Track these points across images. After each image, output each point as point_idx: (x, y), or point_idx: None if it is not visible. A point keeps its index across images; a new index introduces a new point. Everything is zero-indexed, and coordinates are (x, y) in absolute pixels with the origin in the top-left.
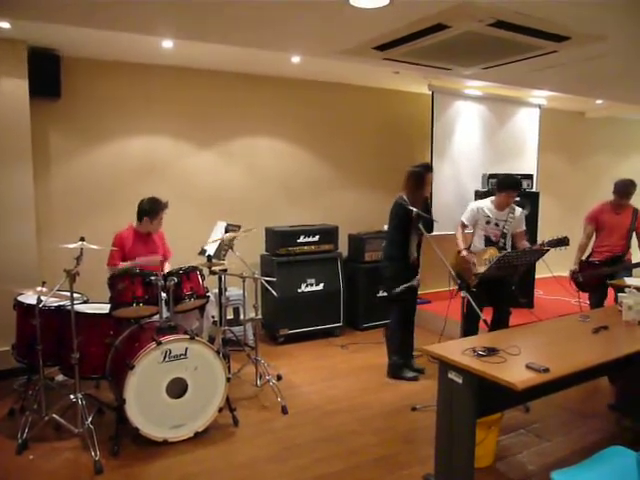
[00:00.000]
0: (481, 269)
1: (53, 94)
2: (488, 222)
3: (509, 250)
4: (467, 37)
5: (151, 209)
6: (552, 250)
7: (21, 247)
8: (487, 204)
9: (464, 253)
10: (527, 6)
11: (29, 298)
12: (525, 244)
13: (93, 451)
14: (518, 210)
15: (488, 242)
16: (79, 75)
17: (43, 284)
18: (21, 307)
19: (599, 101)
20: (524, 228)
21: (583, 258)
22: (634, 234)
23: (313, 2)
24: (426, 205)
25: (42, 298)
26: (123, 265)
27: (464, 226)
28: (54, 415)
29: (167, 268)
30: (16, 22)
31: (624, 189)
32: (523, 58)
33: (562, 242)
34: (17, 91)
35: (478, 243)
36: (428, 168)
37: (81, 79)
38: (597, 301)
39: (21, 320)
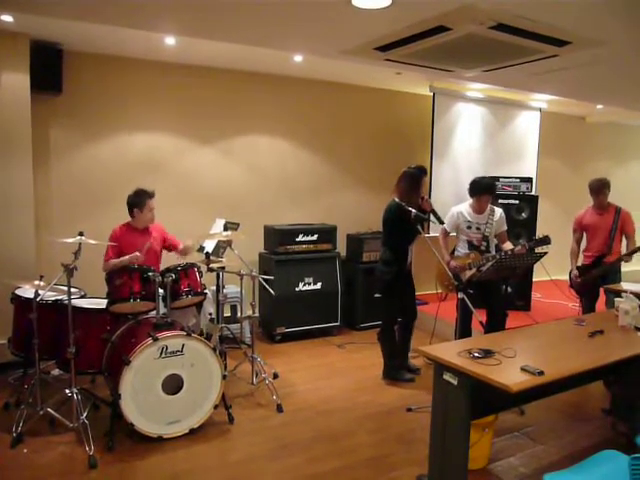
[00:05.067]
0: (466, 274)
1: (55, 89)
2: (469, 227)
3: (492, 253)
4: (468, 39)
5: (137, 200)
6: (550, 253)
7: (19, 241)
8: (466, 208)
9: (453, 264)
10: (528, 10)
11: (27, 292)
12: (508, 245)
13: (87, 446)
14: (498, 211)
15: (471, 246)
16: (81, 70)
17: (41, 278)
18: (18, 301)
19: (600, 106)
20: (505, 228)
21: (578, 264)
22: (623, 236)
23: (315, 2)
24: (419, 208)
25: (39, 292)
26: (116, 261)
27: (446, 233)
28: (49, 409)
29: (185, 249)
30: (19, 15)
31: (597, 185)
32: (524, 61)
33: (544, 241)
34: (18, 85)
35: (461, 248)
36: (424, 170)
37: (83, 74)
38: (588, 305)
39: (18, 314)
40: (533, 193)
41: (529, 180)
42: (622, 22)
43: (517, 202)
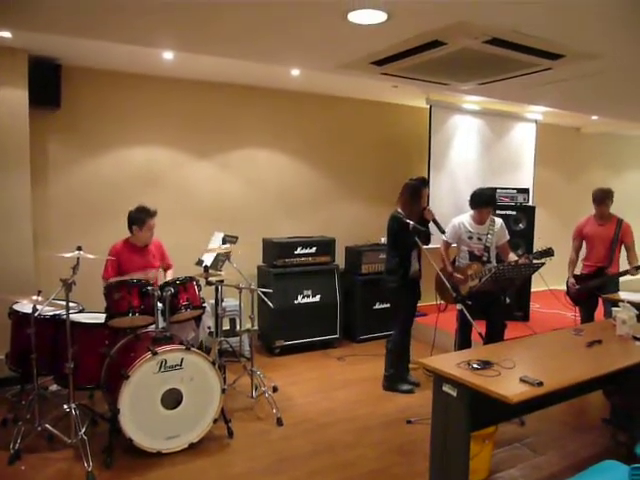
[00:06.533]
0: (468, 285)
1: (53, 104)
2: (470, 237)
3: (493, 264)
4: (463, 53)
5: (138, 217)
6: (548, 264)
7: (17, 255)
8: (467, 219)
9: (457, 275)
10: (522, 25)
11: (24, 307)
12: (512, 256)
13: (86, 462)
14: (498, 222)
15: (472, 257)
16: (79, 85)
17: (39, 293)
18: (16, 316)
19: (595, 117)
20: (507, 238)
21: (577, 272)
22: (623, 246)
23: (312, 17)
24: (422, 218)
25: (37, 307)
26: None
27: (448, 244)
28: (47, 425)
29: (169, 276)
30: (17, 31)
31: (600, 195)
32: (518, 75)
33: (547, 253)
34: (17, 100)
35: (462, 258)
36: (425, 182)
37: (81, 89)
38: (587, 314)
39: (16, 329)
40: (530, 204)
41: (526, 191)
42: (615, 35)
43: (514, 213)
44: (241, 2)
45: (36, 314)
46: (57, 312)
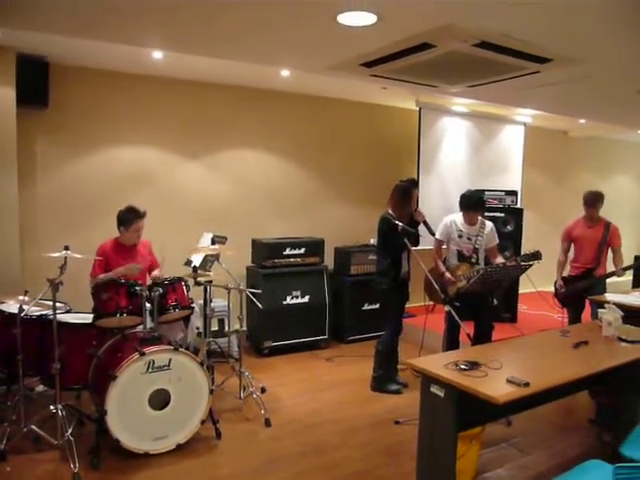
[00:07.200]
0: (456, 285)
1: (41, 103)
2: (460, 236)
3: (482, 265)
4: (452, 56)
5: (126, 218)
6: (535, 265)
7: (4, 255)
8: (459, 218)
9: (447, 275)
10: (511, 28)
11: (11, 307)
12: (500, 259)
13: (72, 463)
14: (488, 225)
15: (461, 257)
16: (68, 83)
17: (25, 293)
18: (2, 316)
19: (582, 120)
20: (497, 242)
21: (565, 274)
22: (609, 249)
23: (301, 19)
24: (412, 220)
25: (24, 307)
26: (103, 276)
27: (440, 244)
28: (33, 426)
29: (156, 273)
30: (5, 29)
31: (591, 198)
32: (507, 78)
33: (535, 256)
34: (3, 99)
35: (451, 258)
36: (415, 183)
37: (70, 88)
38: (574, 316)
39: (1, 329)
40: (518, 206)
41: (514, 193)
42: (602, 39)
43: (502, 215)
44: (233, 3)
45: (22, 314)
46: (44, 312)
